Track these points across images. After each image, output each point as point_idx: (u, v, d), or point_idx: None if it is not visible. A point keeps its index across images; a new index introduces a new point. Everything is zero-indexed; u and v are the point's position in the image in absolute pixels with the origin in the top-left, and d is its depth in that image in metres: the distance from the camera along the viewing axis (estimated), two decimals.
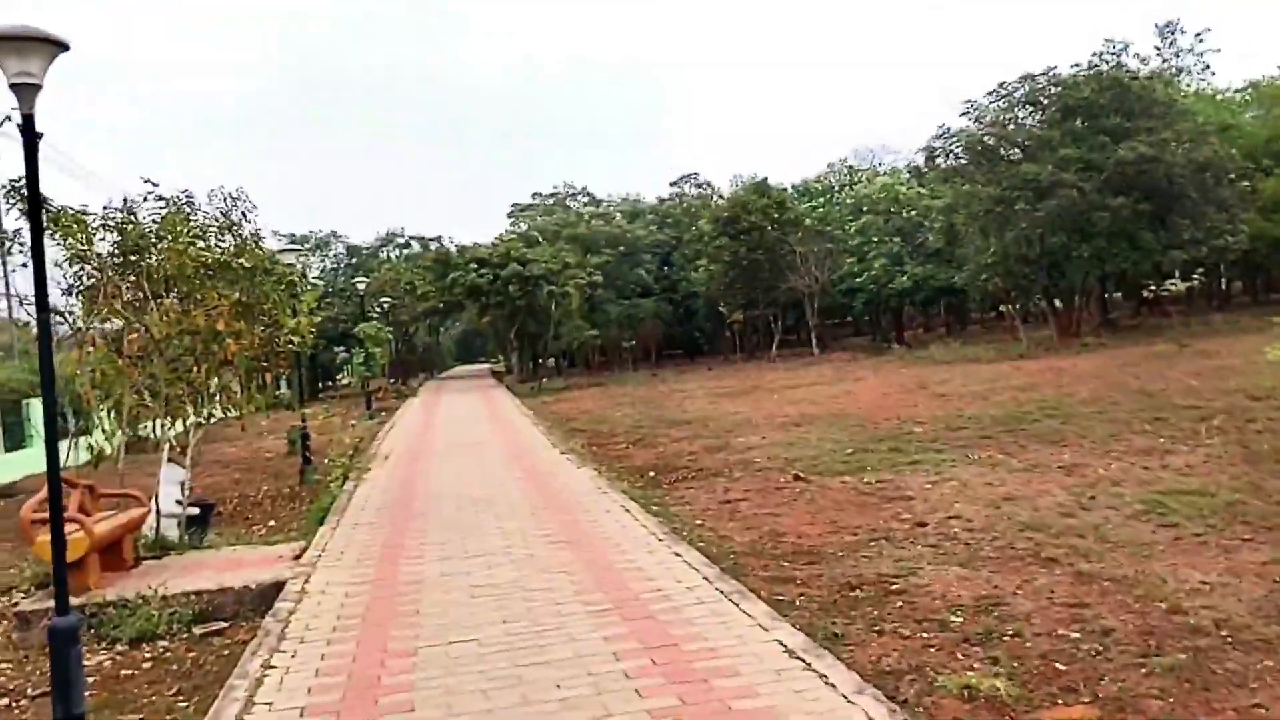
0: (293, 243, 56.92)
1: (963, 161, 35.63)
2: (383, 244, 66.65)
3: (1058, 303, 38.73)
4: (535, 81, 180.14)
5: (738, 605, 6.85)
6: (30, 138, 5.31)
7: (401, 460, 17.90)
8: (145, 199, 11.04)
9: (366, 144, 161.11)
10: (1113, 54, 38.27)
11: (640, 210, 62.71)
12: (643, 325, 52.50)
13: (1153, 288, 37.72)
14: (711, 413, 24.52)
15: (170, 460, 11.72)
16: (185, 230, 10.98)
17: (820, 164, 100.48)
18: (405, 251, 66.19)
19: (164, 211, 11.13)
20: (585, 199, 64.87)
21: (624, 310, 52.96)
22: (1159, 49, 48.42)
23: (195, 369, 11.38)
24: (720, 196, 61.05)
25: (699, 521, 11.13)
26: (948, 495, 11.32)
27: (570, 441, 20.04)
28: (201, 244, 11.14)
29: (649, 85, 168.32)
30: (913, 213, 46.26)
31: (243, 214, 11.81)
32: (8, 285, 23.74)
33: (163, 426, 11.60)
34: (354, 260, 60.91)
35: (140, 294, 10.83)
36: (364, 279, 37.01)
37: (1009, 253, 33.69)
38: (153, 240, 10.97)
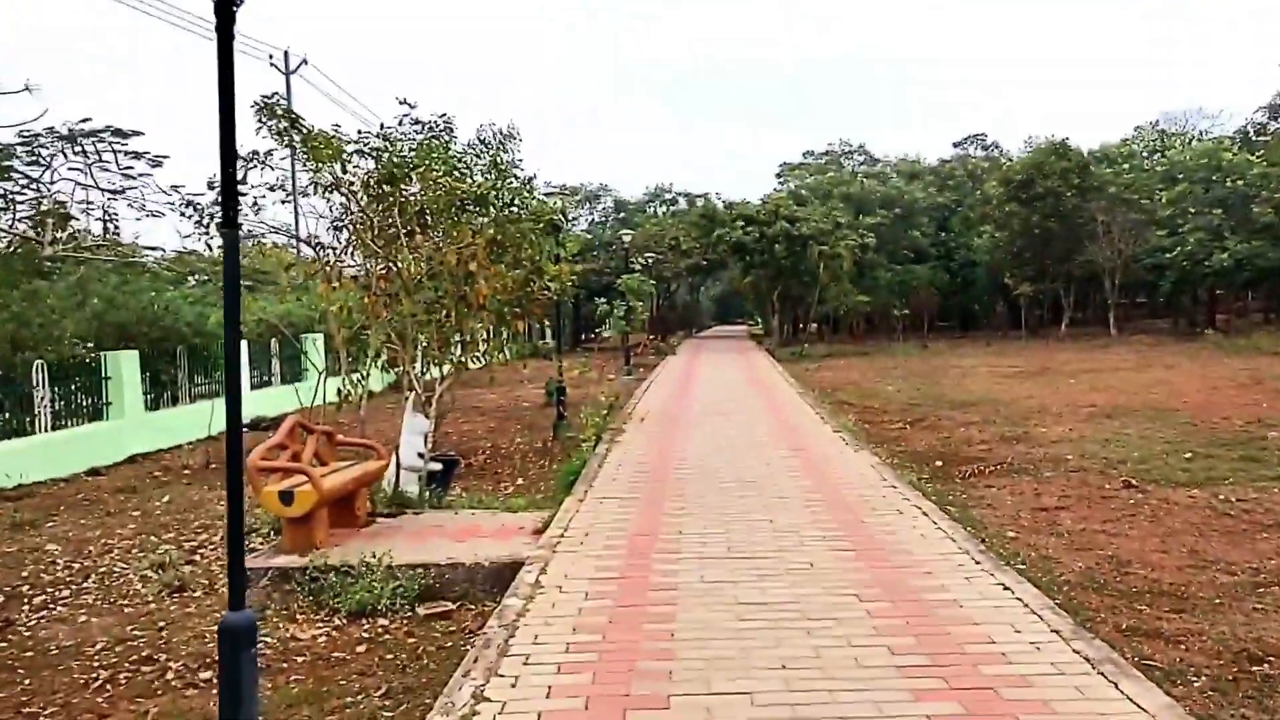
0: (563, 193, 57.78)
1: None
2: (650, 199, 66.41)
3: None
4: (812, 39, 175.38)
5: (1116, 685, 4.83)
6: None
7: (658, 423, 16.62)
8: (401, 123, 10.11)
9: (641, 102, 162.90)
10: None
11: (919, 171, 58.81)
12: (915, 293, 49.11)
13: None
14: (999, 394, 21.77)
15: (414, 410, 10.88)
16: (442, 159, 9.96)
17: (1121, 129, 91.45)
18: (672, 208, 65.65)
19: (420, 138, 10.17)
20: (861, 157, 61.64)
21: (896, 276, 49.79)
22: None
23: (445, 312, 10.44)
24: (1008, 159, 56.16)
25: (1011, 534, 9.03)
26: None
27: (840, 417, 18.11)
28: (458, 175, 10.10)
29: (927, 40, 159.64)
30: (1239, 182, 40.10)
31: (501, 143, 10.68)
32: (296, 223, 24.46)
33: (410, 373, 10.76)
34: (621, 214, 60.92)
35: (392, 228, 9.96)
36: (629, 231, 36.23)
37: None
38: (408, 170, 10.03)
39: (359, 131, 10.18)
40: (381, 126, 10.26)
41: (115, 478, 14.39)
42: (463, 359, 10.86)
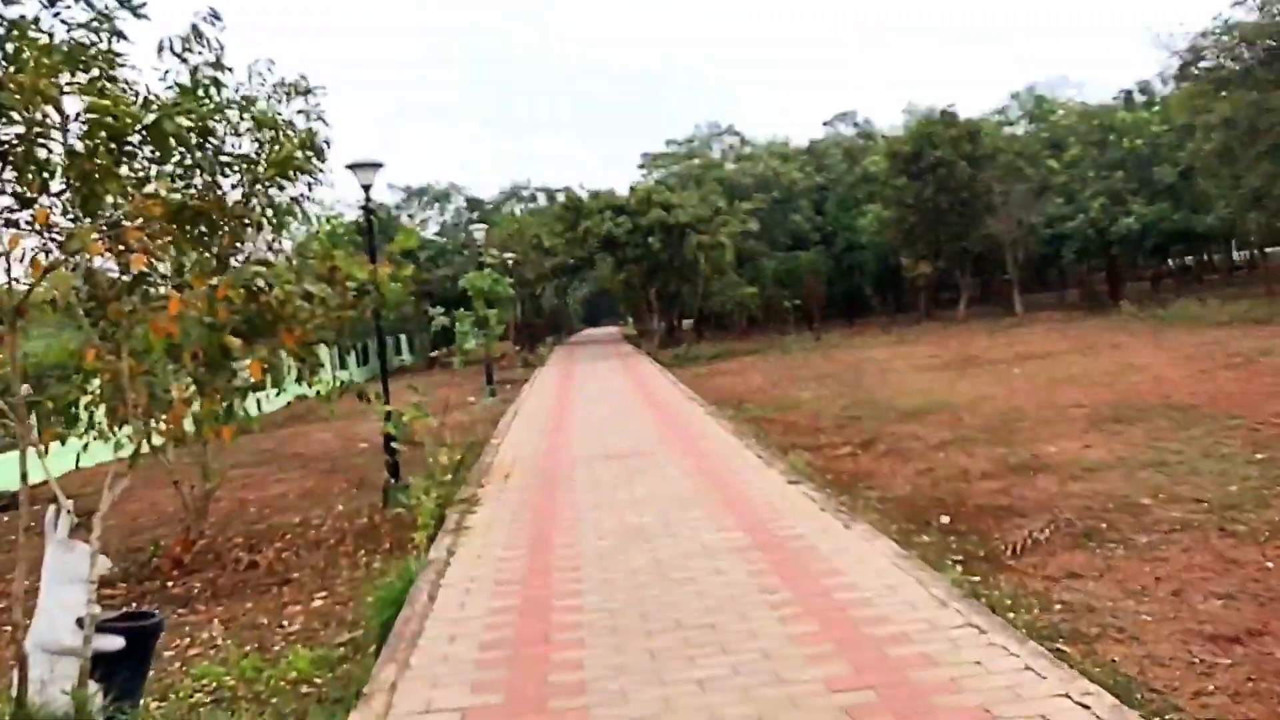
0: (409, 195, 52.11)
1: (1245, 63, 27.14)
2: (507, 197, 61.20)
3: None
4: (659, 32, 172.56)
5: None
6: None
7: (528, 485, 11.63)
8: None
9: (490, 100, 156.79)
10: None
11: (789, 154, 55.31)
12: (803, 281, 45.39)
13: None
14: (944, 395, 17.68)
15: (63, 537, 5.70)
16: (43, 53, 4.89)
17: (980, 103, 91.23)
18: (531, 206, 60.62)
19: None
20: (732, 139, 57.75)
21: (781, 264, 45.99)
22: None
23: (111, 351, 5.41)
24: (881, 136, 53.24)
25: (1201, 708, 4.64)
26: None
27: (767, 440, 13.62)
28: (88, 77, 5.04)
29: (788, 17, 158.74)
30: (1138, 141, 37.66)
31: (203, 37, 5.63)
32: None
33: (39, 464, 5.63)
34: (475, 214, 55.43)
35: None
36: (481, 226, 31.23)
37: None
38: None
39: None
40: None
41: None
42: (152, 430, 5.70)
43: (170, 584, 9.39)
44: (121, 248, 5.24)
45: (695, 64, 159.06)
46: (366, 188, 12.08)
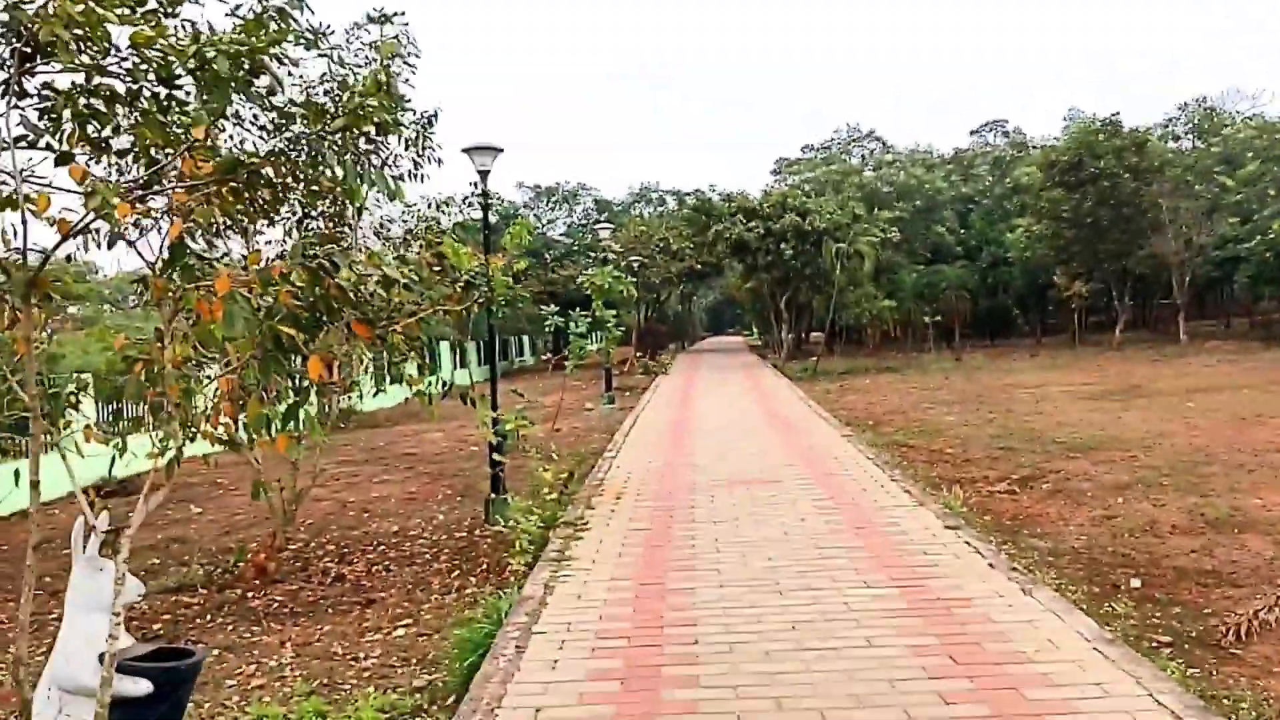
0: (537, 194, 51.85)
1: None
2: (635, 199, 60.43)
3: None
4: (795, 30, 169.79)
5: None
6: None
7: (641, 510, 10.39)
8: None
9: (623, 98, 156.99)
10: None
11: (934, 163, 52.81)
12: (944, 296, 43.01)
13: None
14: (1112, 429, 15.73)
15: (90, 557, 4.77)
16: None
17: (1143, 117, 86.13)
18: (660, 209, 59.69)
19: None
20: (873, 144, 55.57)
21: (920, 277, 43.71)
22: None
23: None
24: (1035, 146, 50.28)
25: None
26: None
27: (912, 473, 12.10)
28: None
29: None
30: None
31: None
32: None
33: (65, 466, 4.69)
34: (604, 215, 54.81)
35: None
36: (608, 226, 30.32)
37: None
38: None
39: None
40: None
41: None
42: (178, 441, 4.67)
43: (251, 594, 8.58)
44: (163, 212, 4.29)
45: (831, 68, 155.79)
46: (484, 173, 11.12)
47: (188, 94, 4.46)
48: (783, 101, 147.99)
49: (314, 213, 8.62)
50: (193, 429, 4.50)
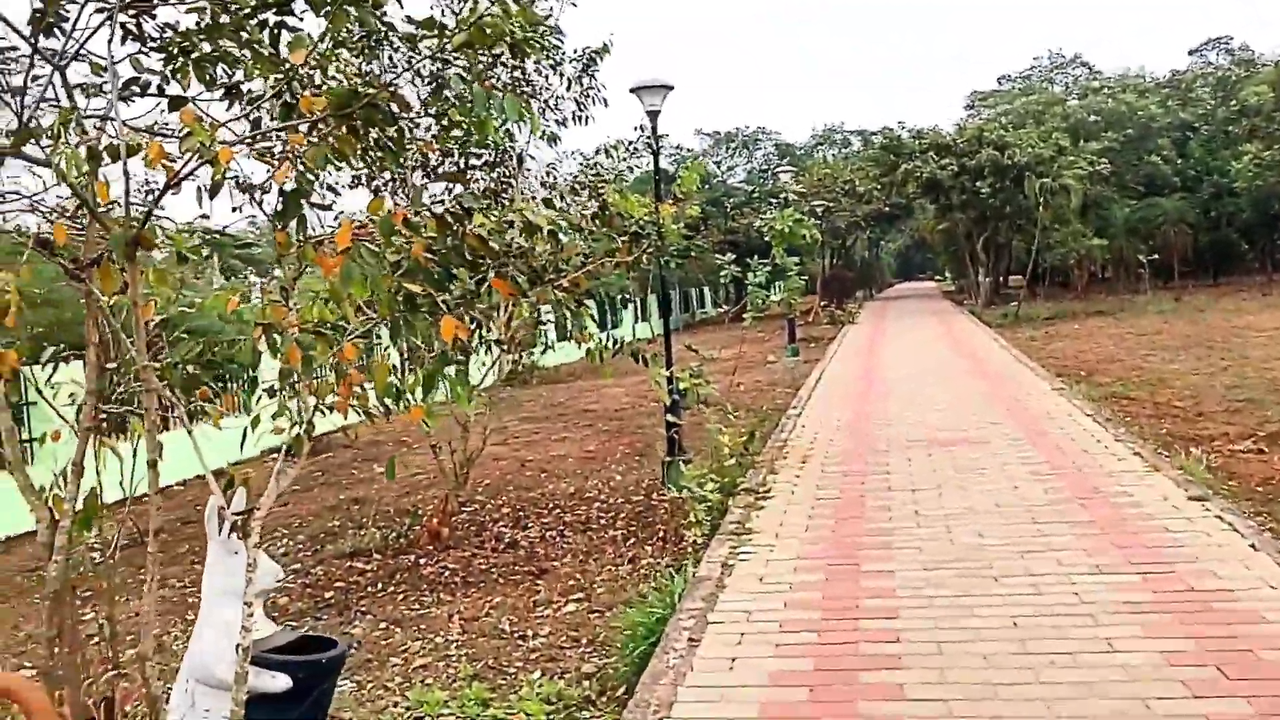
0: (716, 141, 50.75)
1: None
2: (819, 142, 58.33)
3: None
4: None
5: None
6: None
7: (829, 476, 9.49)
8: None
9: (805, 39, 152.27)
10: None
11: (1147, 88, 48.24)
12: (1161, 232, 39.35)
13: None
14: None
15: (226, 538, 4.38)
16: None
17: None
18: (844, 151, 57.38)
19: None
20: (1078, 70, 51.35)
21: (1133, 212, 40.12)
22: None
23: None
24: (1264, 64, 45.06)
25: None
26: None
27: (1138, 430, 10.69)
28: None
29: None
30: None
31: None
32: None
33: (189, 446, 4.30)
34: (785, 160, 53.13)
35: None
36: (789, 169, 29.02)
37: None
38: None
39: None
40: None
41: None
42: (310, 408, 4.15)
43: (424, 561, 8.32)
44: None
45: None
46: (653, 114, 10.38)
47: (301, 17, 3.92)
48: (930, 37, 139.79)
49: (476, 163, 8.13)
50: (321, 401, 4.02)
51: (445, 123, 4.07)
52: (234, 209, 4.49)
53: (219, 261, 15.62)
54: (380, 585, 7.77)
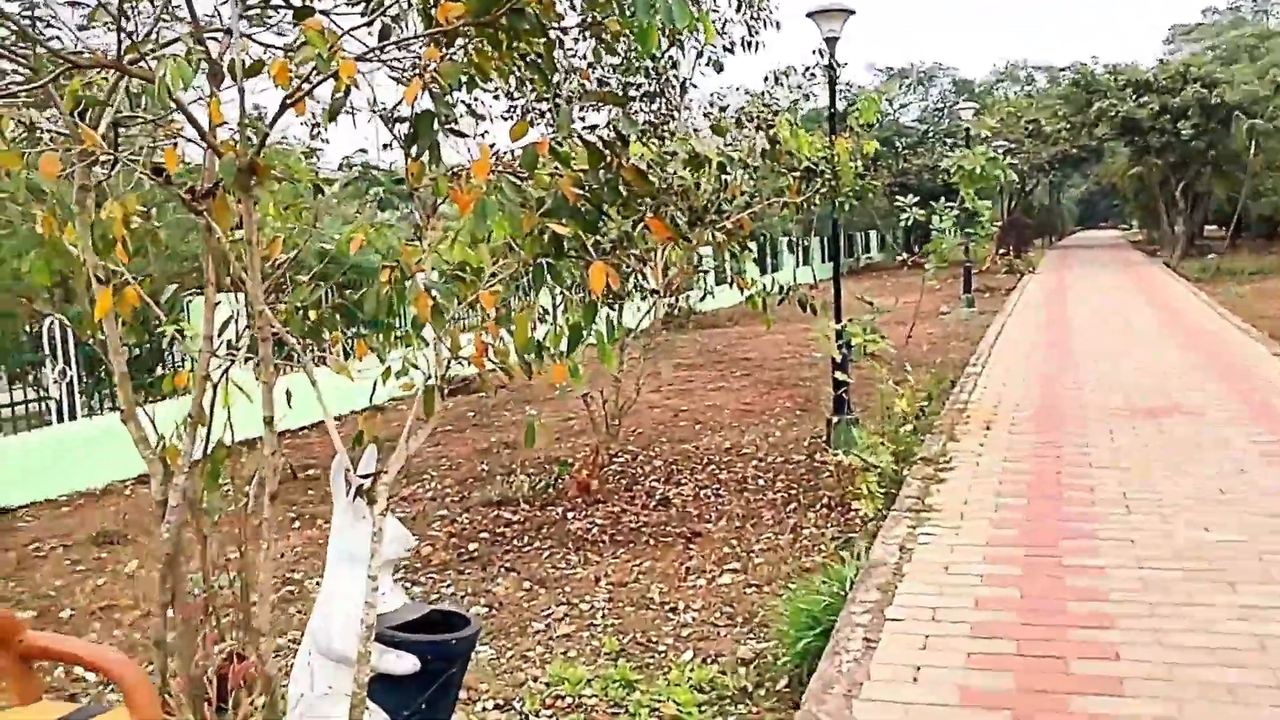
0: (890, 77, 48.33)
1: None
2: (1000, 79, 54.85)
3: None
4: None
5: None
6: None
7: (1019, 446, 8.52)
8: None
9: None
10: None
11: None
12: None
13: None
14: None
15: (351, 502, 3.97)
16: None
17: None
18: (1028, 88, 53.80)
19: None
20: None
21: None
22: None
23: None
24: None
25: None
26: None
27: None
28: None
29: None
30: None
31: None
32: None
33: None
34: (963, 97, 50.20)
35: None
36: (970, 106, 27.15)
37: None
38: None
39: None
40: None
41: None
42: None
43: (571, 515, 7.92)
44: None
45: None
46: (831, 40, 9.47)
47: None
48: None
49: (634, 94, 7.50)
50: (454, 355, 3.52)
51: (604, 37, 3.44)
52: (384, 146, 4.03)
53: (374, 196, 15.54)
54: (526, 539, 7.41)
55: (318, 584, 6.26)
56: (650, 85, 7.20)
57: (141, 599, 6.11)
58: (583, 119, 6.49)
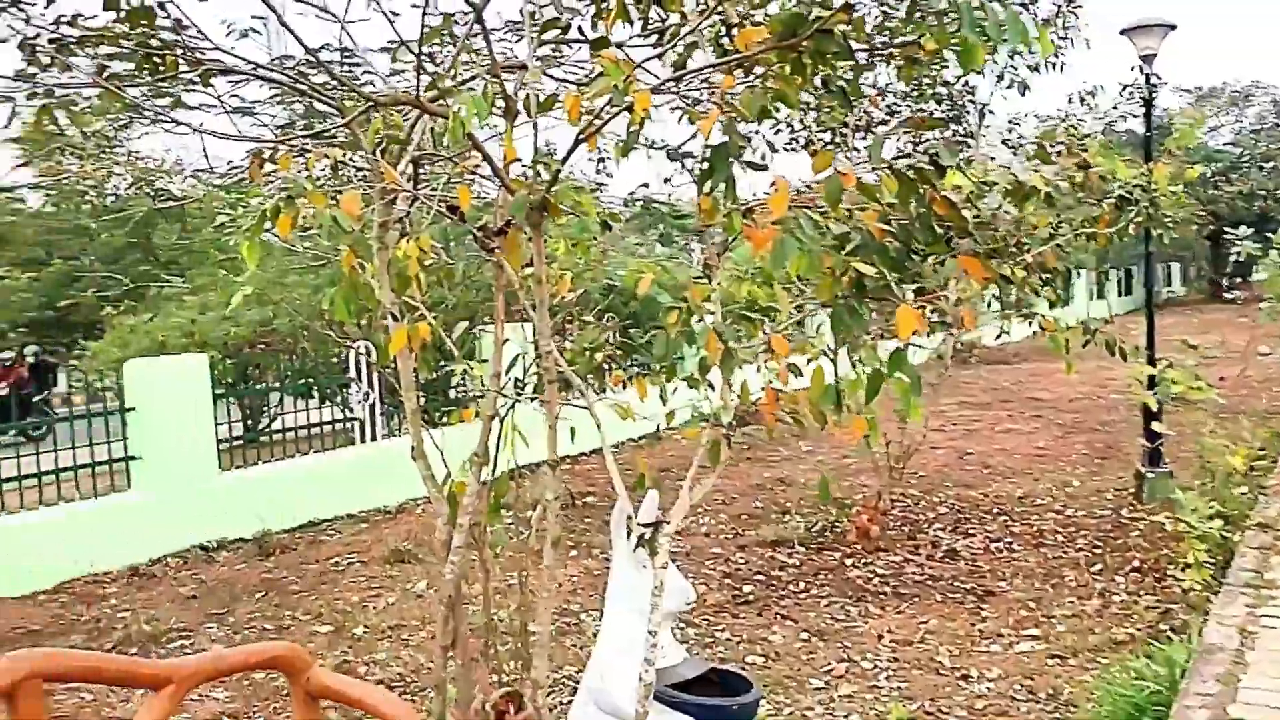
0: (1199, 99, 44.09)
1: None
2: None
3: None
4: None
5: None
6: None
7: None
8: None
9: None
10: None
11: None
12: None
13: None
14: None
15: (632, 551, 3.83)
16: None
17: None
18: None
19: None
20: None
21: None
22: None
23: None
24: None
25: None
26: None
27: None
28: None
29: None
30: None
31: None
32: None
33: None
34: None
35: None
36: None
37: None
38: None
39: None
40: None
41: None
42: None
43: (850, 562, 7.54)
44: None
45: None
46: (1147, 58, 8.59)
47: None
48: None
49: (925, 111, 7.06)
50: (744, 406, 3.32)
51: (911, 57, 3.13)
52: (665, 179, 3.93)
53: (657, 233, 15.73)
54: (802, 584, 7.10)
55: (592, 617, 6.26)
56: (945, 110, 6.75)
57: (426, 621, 6.32)
58: (886, 139, 6.16)
